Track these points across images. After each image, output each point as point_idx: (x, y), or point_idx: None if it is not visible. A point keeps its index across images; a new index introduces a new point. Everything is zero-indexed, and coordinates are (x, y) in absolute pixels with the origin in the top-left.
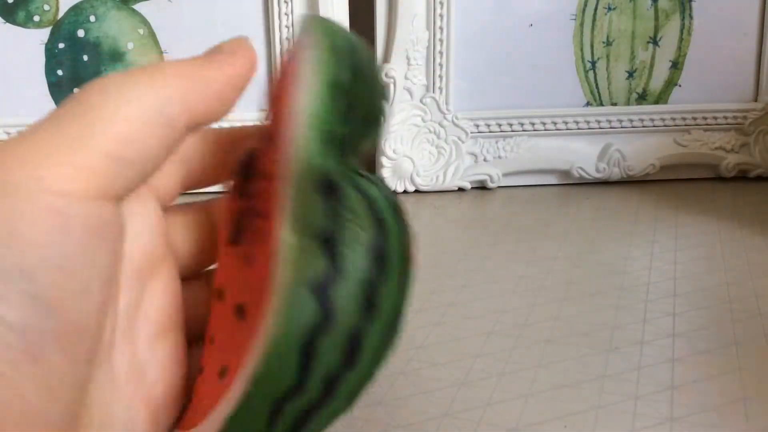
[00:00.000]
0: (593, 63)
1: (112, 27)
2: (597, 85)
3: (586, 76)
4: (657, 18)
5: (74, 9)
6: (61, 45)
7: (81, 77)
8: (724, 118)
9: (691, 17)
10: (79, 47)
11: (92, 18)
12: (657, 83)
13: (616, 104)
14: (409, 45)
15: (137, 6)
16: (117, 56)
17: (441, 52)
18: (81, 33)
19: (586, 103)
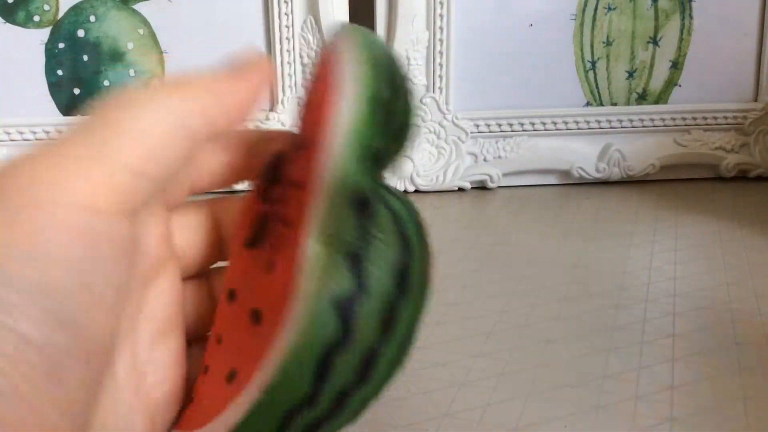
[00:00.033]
0: (593, 63)
1: (112, 27)
2: (597, 85)
3: (586, 76)
4: (657, 18)
5: (74, 9)
6: (61, 45)
7: (81, 77)
8: (724, 118)
9: (691, 17)
10: (79, 47)
11: (92, 18)
12: (657, 83)
13: (616, 104)
14: (409, 45)
15: (137, 6)
16: (117, 56)
17: (441, 52)
18: (81, 33)
19: (586, 103)
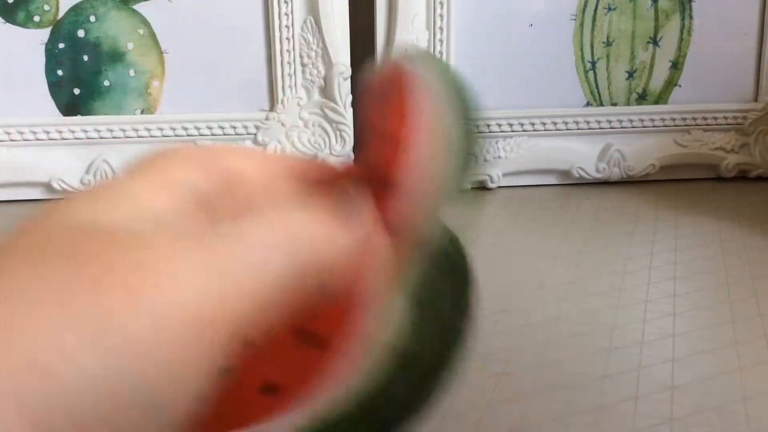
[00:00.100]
0: (593, 63)
1: (112, 27)
2: (597, 85)
3: (586, 76)
4: (657, 18)
5: (74, 9)
6: (61, 45)
7: (81, 77)
8: (724, 118)
9: (691, 17)
10: (79, 47)
11: (92, 18)
12: (657, 83)
13: (616, 104)
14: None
15: (137, 6)
16: (117, 56)
17: (441, 52)
18: (81, 33)
19: (586, 103)
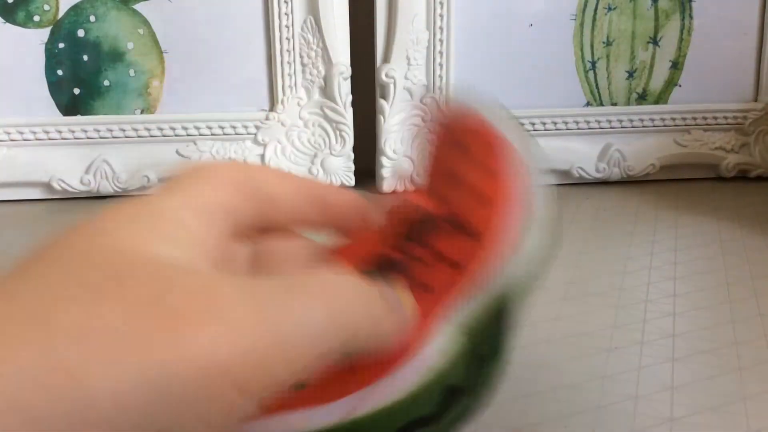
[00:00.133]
0: (593, 63)
1: (112, 27)
2: (597, 85)
3: (586, 76)
4: (657, 18)
5: (74, 9)
6: (61, 45)
7: (81, 77)
8: (724, 118)
9: (691, 17)
10: (79, 47)
11: (92, 18)
12: (657, 83)
13: (616, 104)
14: (409, 45)
15: (137, 6)
16: (117, 56)
17: (441, 52)
18: (81, 33)
19: (586, 103)
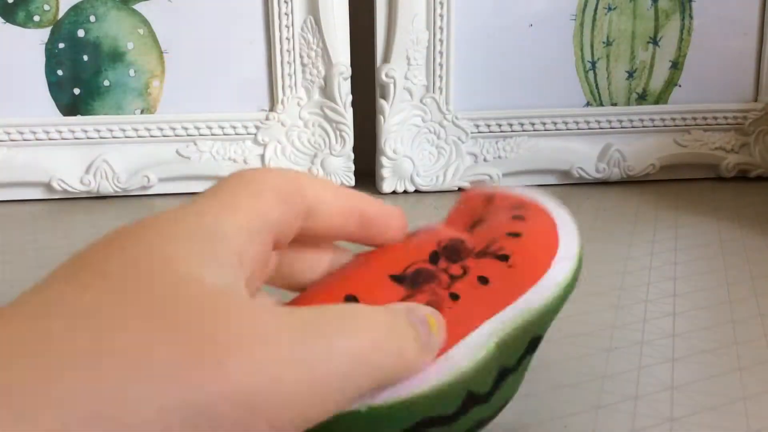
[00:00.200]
0: (593, 63)
1: (112, 27)
2: (597, 85)
3: (586, 76)
4: (657, 18)
5: (74, 9)
6: (61, 45)
7: (81, 77)
8: (724, 118)
9: (691, 17)
10: (79, 47)
11: (92, 18)
12: (657, 83)
13: (616, 104)
14: (409, 45)
15: (137, 6)
16: (117, 56)
17: (441, 52)
18: (81, 33)
19: (586, 103)
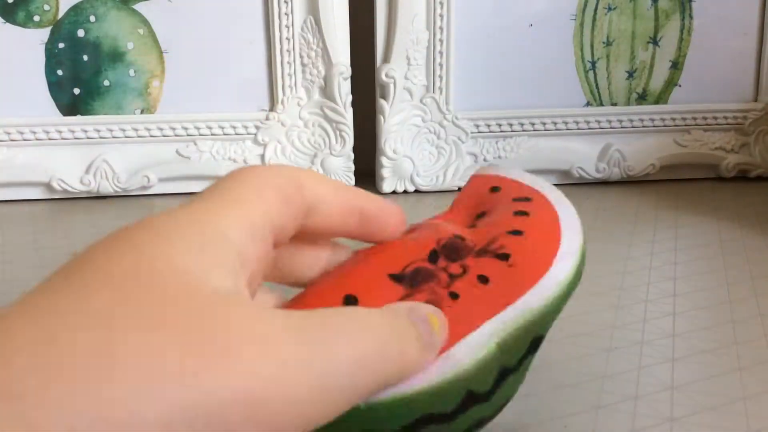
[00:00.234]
0: (593, 63)
1: (112, 27)
2: (597, 85)
3: (586, 76)
4: (657, 18)
5: (74, 9)
6: (61, 45)
7: (81, 77)
8: (724, 118)
9: (691, 17)
10: (79, 47)
11: (92, 18)
12: (657, 83)
13: (616, 104)
14: (409, 45)
15: (137, 6)
16: (117, 56)
17: (441, 52)
18: (81, 33)
19: (586, 103)
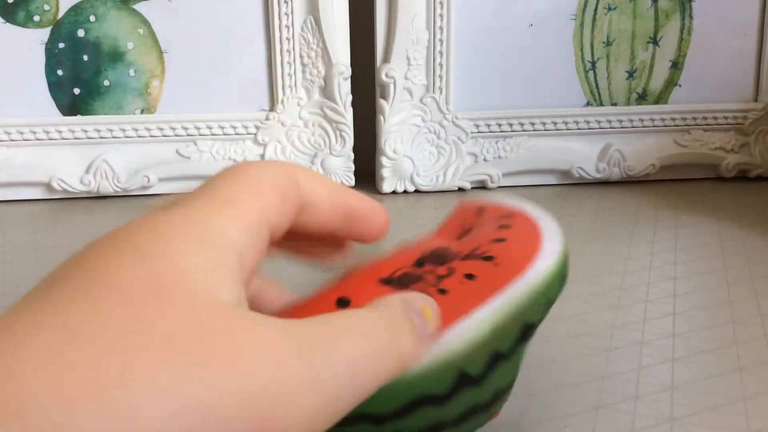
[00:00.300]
0: (593, 63)
1: (112, 27)
2: (597, 85)
3: (586, 76)
4: (657, 18)
5: (74, 9)
6: (61, 45)
7: (81, 77)
8: (724, 118)
9: (691, 17)
10: (79, 47)
11: (92, 18)
12: (657, 83)
13: (616, 104)
14: (409, 45)
15: (137, 6)
16: (117, 56)
17: (441, 52)
18: (81, 33)
19: (586, 103)
